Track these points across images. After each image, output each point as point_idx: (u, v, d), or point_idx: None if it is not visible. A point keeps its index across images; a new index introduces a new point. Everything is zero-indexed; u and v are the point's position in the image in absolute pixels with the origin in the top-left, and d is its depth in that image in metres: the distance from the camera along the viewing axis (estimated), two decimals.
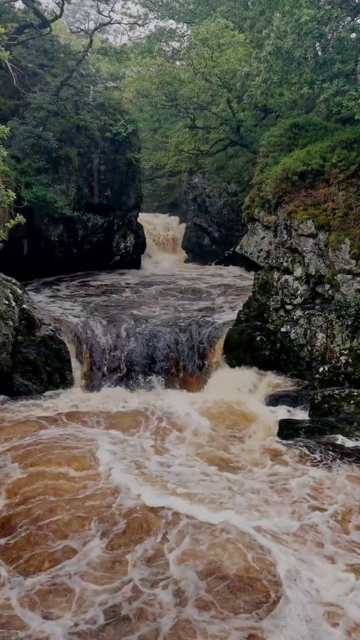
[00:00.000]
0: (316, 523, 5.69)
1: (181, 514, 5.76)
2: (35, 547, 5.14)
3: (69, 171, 17.17)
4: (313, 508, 5.98)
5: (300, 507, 6.01)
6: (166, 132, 26.62)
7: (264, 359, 10.62)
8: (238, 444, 7.93)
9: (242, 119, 20.64)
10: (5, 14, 16.43)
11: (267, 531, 5.48)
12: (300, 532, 5.53)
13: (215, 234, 22.95)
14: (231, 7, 22.23)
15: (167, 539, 5.33)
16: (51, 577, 4.77)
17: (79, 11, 38.59)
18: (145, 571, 4.87)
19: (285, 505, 6.05)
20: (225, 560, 5.00)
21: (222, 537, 5.36)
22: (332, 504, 6.07)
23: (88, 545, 5.20)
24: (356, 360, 9.08)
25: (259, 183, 12.04)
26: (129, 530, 5.47)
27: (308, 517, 5.79)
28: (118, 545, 5.23)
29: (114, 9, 30.12)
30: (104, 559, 5.04)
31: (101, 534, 5.37)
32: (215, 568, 4.88)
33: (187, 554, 5.11)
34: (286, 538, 5.42)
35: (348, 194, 9.78)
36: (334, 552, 5.24)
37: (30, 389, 9.72)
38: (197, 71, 18.14)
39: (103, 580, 4.76)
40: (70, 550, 5.12)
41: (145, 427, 8.38)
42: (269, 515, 5.80)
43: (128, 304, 13.65)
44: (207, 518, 5.68)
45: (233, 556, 5.05)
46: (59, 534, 5.34)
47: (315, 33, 10.28)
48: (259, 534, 5.40)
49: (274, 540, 5.33)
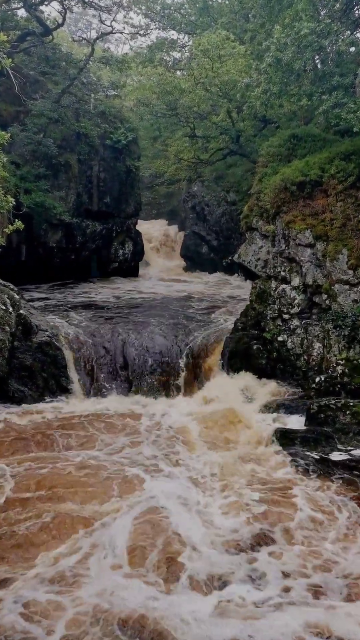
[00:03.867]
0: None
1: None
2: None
3: (69, 178, 17.24)
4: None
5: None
6: (166, 140, 26.76)
7: (260, 368, 10.61)
8: (231, 452, 7.91)
9: (242, 129, 20.77)
10: (7, 22, 16.55)
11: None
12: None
13: (213, 243, 23.01)
14: (232, 19, 22.44)
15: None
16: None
17: (81, 20, 38.88)
18: None
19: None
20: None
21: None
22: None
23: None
24: (352, 371, 9.09)
25: (257, 192, 12.10)
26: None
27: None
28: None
29: (116, 18, 30.37)
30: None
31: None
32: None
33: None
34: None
35: (346, 204, 9.83)
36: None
37: (26, 394, 9.68)
38: (197, 81, 18.26)
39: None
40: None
41: (136, 435, 8.37)
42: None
43: (125, 311, 13.64)
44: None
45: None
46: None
47: (315, 46, 10.38)
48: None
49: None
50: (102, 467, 7.15)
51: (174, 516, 5.90)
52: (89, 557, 5.21)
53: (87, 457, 7.45)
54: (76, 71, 16.75)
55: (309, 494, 6.50)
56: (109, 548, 5.31)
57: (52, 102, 15.74)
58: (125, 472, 7.01)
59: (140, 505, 6.10)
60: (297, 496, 6.46)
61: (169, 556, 5.21)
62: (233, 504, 6.27)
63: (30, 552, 5.25)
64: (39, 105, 15.34)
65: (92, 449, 7.78)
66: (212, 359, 11.02)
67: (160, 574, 4.95)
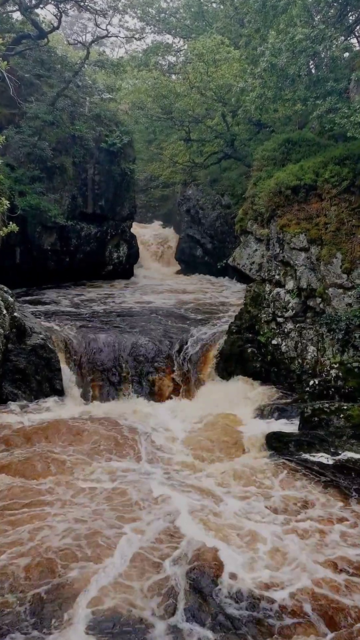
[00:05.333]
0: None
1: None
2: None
3: (64, 180, 17.23)
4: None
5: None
6: (161, 143, 26.83)
7: (254, 371, 10.63)
8: (225, 455, 7.91)
9: (237, 133, 20.86)
10: (3, 25, 16.56)
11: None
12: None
13: (208, 246, 23.05)
14: (227, 24, 22.58)
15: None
16: None
17: (77, 23, 38.96)
18: None
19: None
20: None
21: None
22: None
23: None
24: (346, 374, 9.13)
25: (252, 196, 12.15)
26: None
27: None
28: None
29: (112, 22, 30.54)
30: None
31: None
32: None
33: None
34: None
35: (340, 209, 9.89)
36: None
37: (20, 397, 9.65)
38: (192, 85, 18.33)
39: None
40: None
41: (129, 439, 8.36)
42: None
43: (118, 315, 13.62)
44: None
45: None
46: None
47: (309, 51, 10.46)
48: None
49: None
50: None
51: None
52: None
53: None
54: (71, 74, 16.76)
55: (306, 499, 6.52)
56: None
57: (47, 105, 15.73)
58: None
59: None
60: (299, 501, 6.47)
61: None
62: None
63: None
64: (34, 108, 15.33)
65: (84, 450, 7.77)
66: (206, 363, 11.02)
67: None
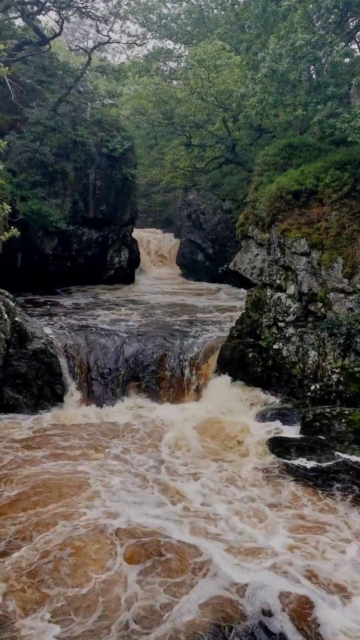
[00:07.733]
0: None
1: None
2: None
3: (65, 185, 17.28)
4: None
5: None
6: (162, 149, 26.91)
7: (255, 376, 10.60)
8: (226, 460, 7.88)
9: (238, 138, 20.93)
10: (5, 31, 16.66)
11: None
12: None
13: (209, 251, 23.08)
14: (228, 29, 22.72)
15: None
16: None
17: (78, 30, 39.20)
18: None
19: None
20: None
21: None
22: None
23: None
24: (348, 379, 9.10)
25: (253, 201, 12.15)
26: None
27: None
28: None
29: (113, 28, 30.70)
30: None
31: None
32: None
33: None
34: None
35: (341, 213, 9.90)
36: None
37: (21, 402, 9.63)
38: (193, 91, 18.42)
39: None
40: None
41: (131, 441, 8.34)
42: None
43: (120, 319, 13.62)
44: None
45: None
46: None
47: (310, 57, 10.50)
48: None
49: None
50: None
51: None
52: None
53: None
54: (73, 80, 16.85)
55: (306, 503, 6.49)
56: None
57: (49, 111, 15.81)
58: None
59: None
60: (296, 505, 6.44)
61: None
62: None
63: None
64: (35, 114, 15.40)
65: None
66: (207, 368, 11.00)
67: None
